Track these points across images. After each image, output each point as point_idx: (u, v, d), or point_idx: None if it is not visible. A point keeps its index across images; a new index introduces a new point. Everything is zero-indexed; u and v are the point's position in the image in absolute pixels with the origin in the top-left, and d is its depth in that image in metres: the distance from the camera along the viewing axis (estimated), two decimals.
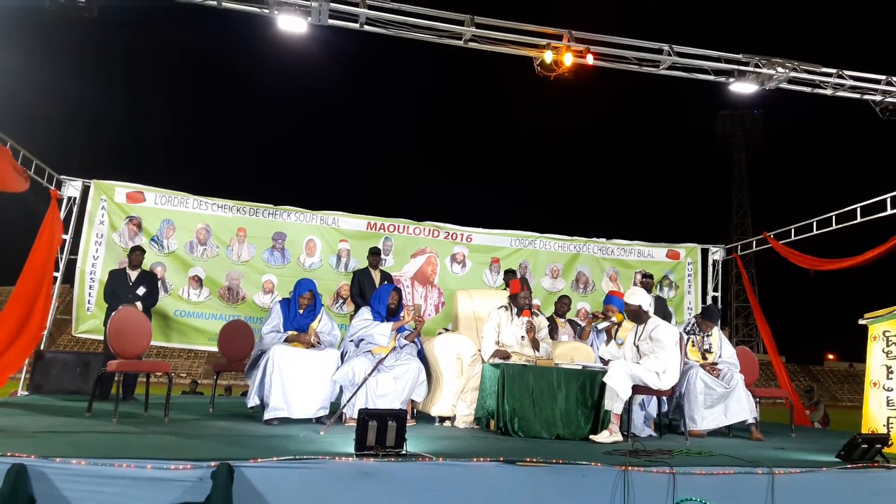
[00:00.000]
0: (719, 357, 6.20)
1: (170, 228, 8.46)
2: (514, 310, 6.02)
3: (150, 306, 7.11)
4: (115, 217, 8.26)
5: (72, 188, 8.19)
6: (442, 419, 5.94)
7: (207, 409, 6.36)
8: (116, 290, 6.96)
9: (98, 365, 6.78)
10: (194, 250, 8.54)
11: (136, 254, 7.23)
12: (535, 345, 5.92)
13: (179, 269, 8.44)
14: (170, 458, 3.17)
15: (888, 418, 5.41)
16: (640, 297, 5.55)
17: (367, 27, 7.21)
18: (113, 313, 5.67)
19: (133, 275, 7.12)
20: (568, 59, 7.37)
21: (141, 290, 7.03)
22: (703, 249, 10.53)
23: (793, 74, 7.93)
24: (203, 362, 41.15)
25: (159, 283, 7.79)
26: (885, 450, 4.46)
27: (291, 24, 7.02)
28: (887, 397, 5.45)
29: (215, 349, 7.23)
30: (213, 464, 3.13)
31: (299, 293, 5.75)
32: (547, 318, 6.59)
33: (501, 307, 6.11)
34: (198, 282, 8.49)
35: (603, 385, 5.24)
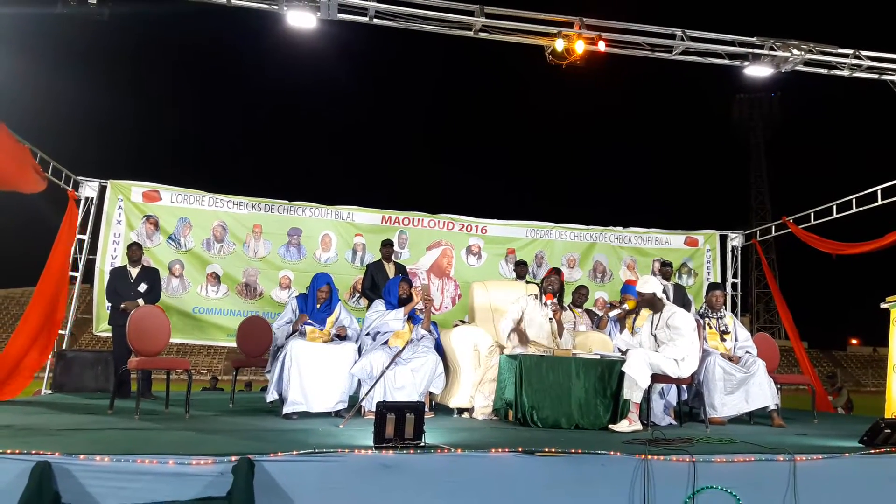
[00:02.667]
0: (735, 340, 6.13)
1: (186, 226, 8.53)
2: (543, 298, 5.99)
3: (153, 302, 6.81)
4: (133, 216, 8.34)
5: (89, 189, 8.27)
6: (460, 411, 5.95)
7: (227, 405, 6.43)
8: (118, 288, 6.90)
9: (113, 363, 6.83)
10: (211, 248, 8.60)
11: (133, 249, 7.09)
12: (560, 328, 5.89)
13: (197, 267, 8.51)
14: (191, 454, 3.20)
15: None
16: (652, 285, 5.50)
17: (376, 20, 7.19)
18: (132, 312, 5.71)
19: (134, 272, 6.98)
20: (579, 47, 7.29)
21: (142, 287, 6.91)
22: (721, 236, 10.42)
23: (808, 56, 7.79)
24: (223, 358, 41.47)
25: (178, 279, 7.82)
26: None
27: (301, 20, 7.03)
28: None
29: (234, 345, 7.29)
30: (233, 458, 3.15)
31: (317, 287, 5.81)
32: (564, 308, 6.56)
33: (531, 295, 6.09)
34: (215, 279, 8.56)
35: (621, 374, 5.21)
